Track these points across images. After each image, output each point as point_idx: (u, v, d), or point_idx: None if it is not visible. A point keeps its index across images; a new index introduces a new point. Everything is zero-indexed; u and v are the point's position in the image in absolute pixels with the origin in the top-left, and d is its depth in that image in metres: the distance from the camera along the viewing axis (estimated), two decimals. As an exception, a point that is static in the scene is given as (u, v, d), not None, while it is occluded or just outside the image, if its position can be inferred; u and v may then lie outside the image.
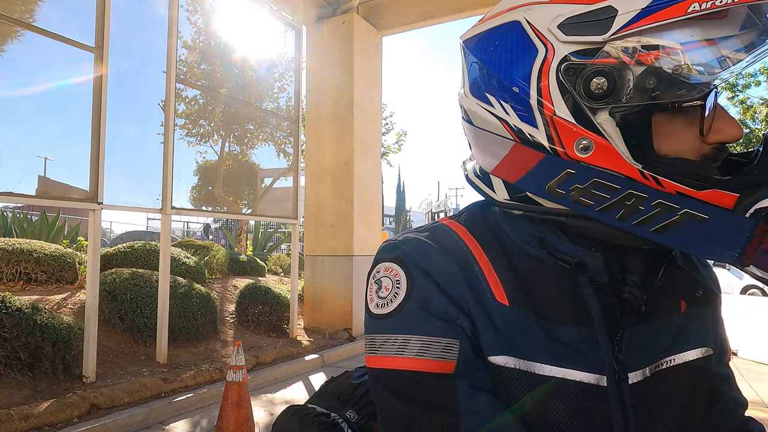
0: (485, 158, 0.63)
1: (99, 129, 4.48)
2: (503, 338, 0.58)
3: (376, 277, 0.62)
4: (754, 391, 5.21)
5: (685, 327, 0.65)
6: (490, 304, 0.59)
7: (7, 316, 4.01)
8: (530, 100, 0.56)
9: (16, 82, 4.51)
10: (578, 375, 0.57)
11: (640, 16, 0.49)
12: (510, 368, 0.57)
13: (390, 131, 17.05)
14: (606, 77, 0.51)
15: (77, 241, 7.81)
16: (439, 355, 0.57)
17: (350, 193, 7.35)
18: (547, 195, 0.57)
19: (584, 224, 0.57)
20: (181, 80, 5.92)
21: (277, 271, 11.32)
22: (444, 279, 0.59)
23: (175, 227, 23.28)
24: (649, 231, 0.52)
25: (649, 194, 0.51)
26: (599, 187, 0.53)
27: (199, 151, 6.83)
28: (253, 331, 6.73)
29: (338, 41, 7.51)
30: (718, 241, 0.50)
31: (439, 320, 0.58)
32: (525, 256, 0.62)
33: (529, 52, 0.55)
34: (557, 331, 0.58)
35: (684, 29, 0.49)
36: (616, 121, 0.52)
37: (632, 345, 0.60)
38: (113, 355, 5.02)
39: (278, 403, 4.76)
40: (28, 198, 4.45)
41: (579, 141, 0.54)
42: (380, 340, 0.59)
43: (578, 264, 0.60)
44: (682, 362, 0.63)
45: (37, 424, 3.57)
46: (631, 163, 0.52)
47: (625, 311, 0.60)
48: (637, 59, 0.50)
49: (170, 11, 5.38)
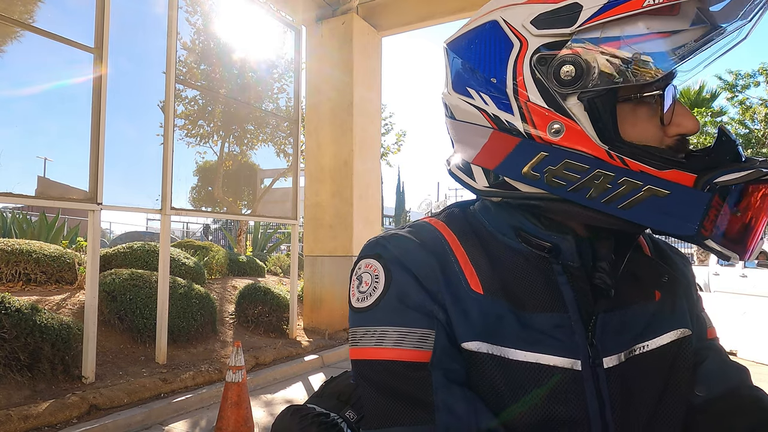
0: (466, 150, 0.68)
1: (98, 129, 4.48)
2: (477, 326, 0.61)
3: (357, 273, 0.66)
4: (753, 392, 5.21)
5: (659, 313, 0.68)
6: (465, 294, 0.62)
7: (7, 316, 4.00)
8: (507, 89, 0.61)
9: (15, 82, 4.51)
10: (553, 360, 0.60)
11: (602, 10, 0.54)
12: (483, 353, 0.60)
13: (389, 131, 17.05)
14: (573, 65, 0.57)
15: (77, 242, 7.81)
16: (415, 344, 0.60)
17: (350, 194, 7.35)
18: (523, 178, 0.61)
19: (558, 206, 0.61)
20: (181, 81, 5.92)
21: (276, 272, 11.32)
22: (421, 273, 0.62)
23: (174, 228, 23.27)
24: (617, 208, 0.57)
25: (615, 173, 0.56)
26: (570, 167, 0.58)
27: (198, 151, 6.84)
28: (253, 332, 6.73)
29: (338, 42, 7.51)
30: (679, 215, 0.55)
31: (415, 312, 0.61)
32: (502, 247, 0.66)
33: (505, 46, 0.61)
34: (532, 318, 0.61)
35: (641, 22, 0.55)
36: (584, 106, 0.58)
37: (606, 330, 0.63)
38: (112, 356, 5.01)
39: (278, 403, 4.76)
40: (28, 198, 4.44)
41: (551, 125, 0.59)
42: (360, 332, 0.63)
43: (551, 249, 0.64)
44: (657, 347, 0.66)
45: (36, 425, 3.56)
46: (599, 145, 0.57)
47: (597, 298, 0.64)
48: (600, 48, 0.56)
49: (169, 12, 5.38)
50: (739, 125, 15.22)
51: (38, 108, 4.69)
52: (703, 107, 16.86)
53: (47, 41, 4.29)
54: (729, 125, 15.59)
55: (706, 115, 15.63)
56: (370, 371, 0.61)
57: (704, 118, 15.50)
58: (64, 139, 4.95)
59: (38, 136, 4.81)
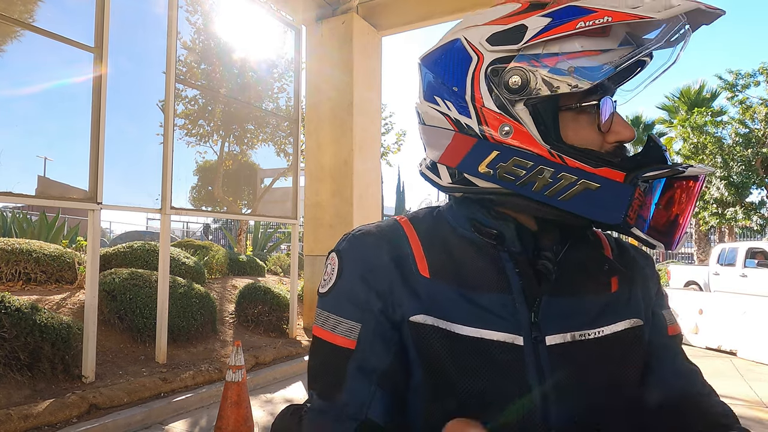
0: (433, 151, 0.78)
1: (98, 129, 4.48)
2: (424, 303, 0.71)
3: (326, 263, 0.79)
4: (753, 392, 5.21)
5: (614, 303, 0.76)
6: (414, 278, 0.73)
7: (7, 316, 4.01)
8: (466, 96, 0.71)
9: (15, 82, 4.51)
10: (495, 335, 0.69)
11: (543, 31, 0.65)
12: (428, 325, 0.70)
13: (389, 131, 17.05)
14: (519, 76, 0.67)
15: (77, 241, 7.82)
16: (344, 332, 0.72)
17: (350, 193, 7.35)
18: (480, 174, 0.71)
19: (510, 200, 0.71)
20: (181, 80, 5.92)
21: (276, 271, 11.32)
22: (368, 268, 0.73)
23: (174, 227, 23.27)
24: (557, 199, 0.66)
25: (555, 169, 0.66)
26: (518, 164, 0.68)
27: (198, 151, 6.84)
28: (253, 331, 6.73)
29: (338, 41, 7.51)
30: (608, 205, 0.65)
31: (351, 305, 0.73)
32: (458, 238, 0.76)
33: (465, 60, 0.72)
34: (479, 297, 0.71)
35: (576, 41, 0.66)
36: (529, 111, 0.68)
37: (550, 311, 0.71)
38: (112, 355, 5.02)
39: (277, 402, 4.76)
40: (28, 198, 4.45)
41: (502, 126, 0.69)
42: (317, 312, 0.76)
43: (498, 237, 0.73)
44: (611, 333, 0.73)
45: (36, 424, 3.57)
46: (542, 144, 0.67)
47: (542, 281, 0.72)
48: (542, 62, 0.66)
49: (169, 11, 5.38)
50: (740, 125, 15.19)
51: (38, 108, 4.69)
52: (703, 107, 16.84)
53: (47, 41, 4.29)
54: (729, 125, 15.56)
55: (706, 114, 15.61)
56: (315, 344, 0.76)
57: (704, 118, 15.48)
58: (64, 138, 4.96)
59: (38, 135, 4.81)
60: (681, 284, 13.05)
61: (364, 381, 0.70)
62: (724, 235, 17.23)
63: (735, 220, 15.03)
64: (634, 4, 0.63)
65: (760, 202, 15.15)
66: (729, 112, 16.63)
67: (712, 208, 15.23)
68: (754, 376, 5.88)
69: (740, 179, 14.45)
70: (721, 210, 15.09)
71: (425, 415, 0.72)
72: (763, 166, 14.59)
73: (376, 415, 0.70)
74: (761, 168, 14.60)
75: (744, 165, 14.63)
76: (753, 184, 14.79)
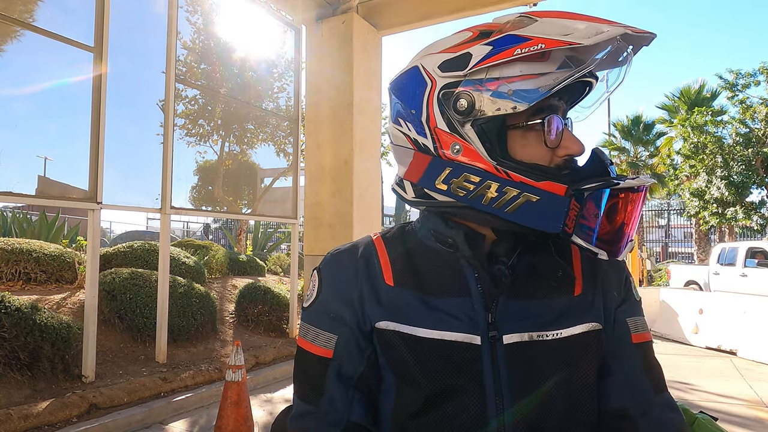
0: (400, 168, 0.84)
1: (98, 129, 4.48)
2: (387, 310, 0.78)
3: (310, 278, 0.87)
4: (753, 391, 5.21)
5: (576, 306, 0.79)
6: (380, 287, 0.80)
7: (7, 315, 4.01)
8: (422, 118, 0.78)
9: (15, 81, 4.51)
10: (454, 336, 0.74)
11: (485, 58, 0.71)
12: (391, 330, 0.77)
13: (390, 131, 17.03)
14: (466, 100, 0.73)
15: (77, 241, 7.82)
16: (323, 343, 0.80)
17: (350, 193, 7.34)
18: (437, 189, 0.77)
19: (464, 212, 0.76)
20: (181, 80, 5.92)
21: (276, 271, 11.32)
22: (342, 284, 0.82)
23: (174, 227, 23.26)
24: (504, 211, 0.71)
25: (500, 183, 0.71)
26: (468, 179, 0.73)
27: (198, 150, 6.83)
28: (253, 331, 6.74)
29: (338, 41, 7.50)
30: (547, 216, 0.70)
31: (328, 318, 0.81)
32: (423, 248, 0.83)
33: (421, 85, 0.78)
34: (439, 302, 0.77)
35: (516, 66, 0.70)
36: (476, 131, 0.73)
37: (508, 312, 0.76)
38: (112, 355, 5.02)
39: (277, 402, 4.76)
40: (28, 198, 4.45)
41: (453, 145, 0.75)
42: (301, 325, 0.85)
43: (453, 245, 0.79)
44: (569, 335, 0.77)
45: (36, 424, 3.57)
46: (488, 161, 0.72)
47: (499, 285, 0.77)
48: (485, 86, 0.72)
49: (169, 11, 5.38)
50: (740, 124, 15.18)
51: (38, 107, 4.69)
52: (703, 106, 16.82)
53: (47, 40, 4.29)
54: (729, 124, 15.53)
55: (706, 114, 15.60)
56: (298, 353, 0.84)
57: (704, 117, 15.46)
58: (64, 138, 4.95)
59: (38, 135, 4.81)
60: (681, 284, 13.05)
61: (342, 387, 0.78)
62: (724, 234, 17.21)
63: (735, 220, 15.01)
64: (566, 32, 0.68)
65: (760, 202, 15.12)
66: (729, 112, 16.60)
67: (712, 208, 15.21)
68: (754, 376, 5.88)
69: (740, 179, 14.43)
70: (721, 210, 15.07)
71: (393, 416, 0.78)
72: (763, 166, 14.57)
73: (356, 417, 0.78)
74: (761, 168, 14.58)
75: (744, 165, 14.61)
76: (753, 183, 14.76)
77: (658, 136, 19.95)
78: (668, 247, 24.35)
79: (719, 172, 14.71)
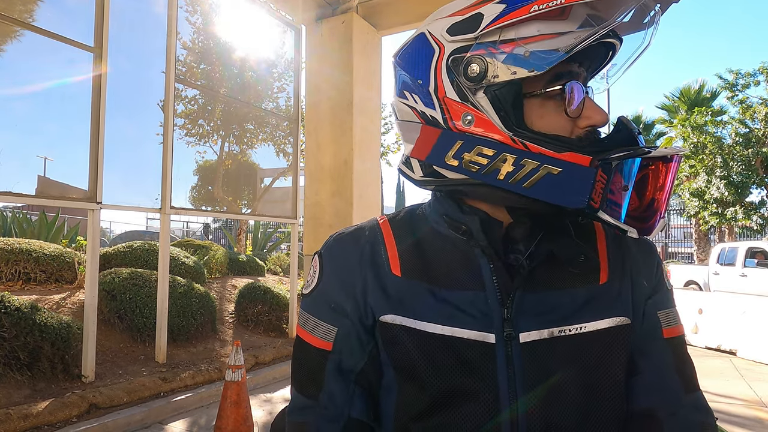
0: (407, 145, 0.77)
1: (98, 129, 4.48)
2: (393, 302, 0.72)
3: (311, 263, 0.82)
4: (753, 391, 5.21)
5: (602, 296, 0.72)
6: (386, 277, 0.74)
7: (6, 315, 4.01)
8: (430, 88, 0.71)
9: (15, 81, 4.51)
10: (466, 333, 0.68)
11: (498, 17, 0.64)
12: (397, 325, 0.71)
13: (390, 131, 17.03)
14: (478, 64, 0.66)
15: (76, 241, 7.82)
16: (322, 335, 0.75)
17: (349, 193, 7.34)
18: (447, 165, 0.70)
19: (477, 190, 0.70)
20: (181, 80, 5.92)
21: (276, 271, 11.32)
22: (344, 271, 0.76)
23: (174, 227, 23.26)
24: (521, 186, 0.64)
25: (518, 155, 0.64)
26: (481, 152, 0.66)
27: (198, 150, 6.83)
28: (252, 331, 6.74)
29: (337, 41, 7.50)
30: (571, 190, 0.62)
31: (329, 308, 0.75)
32: (433, 235, 0.76)
33: (428, 52, 0.71)
34: (450, 295, 0.70)
35: (533, 25, 0.63)
36: (489, 98, 0.66)
37: (525, 308, 0.69)
38: (112, 355, 5.02)
39: (277, 402, 4.76)
40: (28, 198, 4.45)
41: (464, 116, 0.68)
42: (300, 313, 0.80)
43: (467, 232, 0.72)
44: (594, 329, 0.70)
45: (36, 424, 3.57)
46: (504, 131, 0.65)
47: (515, 277, 0.70)
48: (499, 49, 0.65)
49: (169, 11, 5.38)
50: (740, 124, 15.18)
51: (38, 107, 4.69)
52: (703, 106, 16.83)
53: (47, 40, 4.29)
54: (729, 124, 15.54)
55: (706, 114, 15.60)
56: (297, 343, 0.79)
57: (704, 117, 15.46)
58: (64, 138, 4.95)
59: (38, 135, 4.81)
60: (681, 284, 13.05)
61: (342, 381, 0.74)
62: (724, 234, 17.22)
63: (735, 220, 15.02)
64: None
65: (760, 202, 15.13)
66: (729, 112, 16.62)
67: (712, 208, 15.22)
68: (753, 376, 5.88)
69: (740, 179, 14.44)
70: (721, 210, 15.07)
71: (395, 417, 0.73)
72: (763, 166, 14.58)
73: (357, 412, 0.73)
74: (761, 168, 14.59)
75: (744, 165, 14.61)
76: (753, 183, 14.78)
77: (658, 136, 19.98)
78: (668, 247, 24.34)
79: (719, 172, 14.72)
